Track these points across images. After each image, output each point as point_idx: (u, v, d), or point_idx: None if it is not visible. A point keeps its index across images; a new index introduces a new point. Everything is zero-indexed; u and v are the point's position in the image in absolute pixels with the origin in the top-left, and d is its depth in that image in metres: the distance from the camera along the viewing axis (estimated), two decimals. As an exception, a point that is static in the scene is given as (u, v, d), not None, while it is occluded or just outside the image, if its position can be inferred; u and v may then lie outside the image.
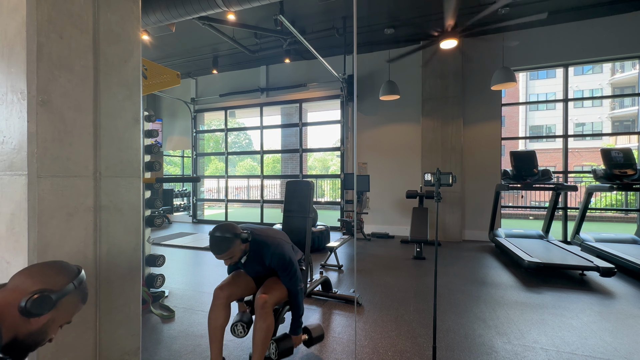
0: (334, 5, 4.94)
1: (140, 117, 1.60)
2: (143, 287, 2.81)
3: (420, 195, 5.38)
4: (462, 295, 3.09)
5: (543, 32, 5.48)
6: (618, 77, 19.98)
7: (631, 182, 4.23)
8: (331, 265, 4.09)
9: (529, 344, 2.19)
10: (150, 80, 3.10)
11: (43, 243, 1.21)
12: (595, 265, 3.41)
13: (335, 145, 10.35)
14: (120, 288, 1.50)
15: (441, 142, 5.86)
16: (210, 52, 6.79)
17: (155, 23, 4.21)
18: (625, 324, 2.51)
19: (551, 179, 4.71)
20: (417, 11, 5.01)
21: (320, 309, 2.80)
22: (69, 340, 1.29)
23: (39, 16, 1.20)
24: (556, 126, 20.90)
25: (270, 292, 1.77)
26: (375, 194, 6.48)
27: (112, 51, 1.46)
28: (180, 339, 2.28)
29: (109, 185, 1.45)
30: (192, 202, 8.49)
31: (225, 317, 1.80)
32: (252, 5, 3.71)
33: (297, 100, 7.37)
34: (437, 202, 1.92)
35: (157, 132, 3.17)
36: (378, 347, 2.16)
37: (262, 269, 1.89)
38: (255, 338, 1.70)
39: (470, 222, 5.92)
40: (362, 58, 6.58)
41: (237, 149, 23.18)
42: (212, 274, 3.87)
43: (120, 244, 1.50)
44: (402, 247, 5.26)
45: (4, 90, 1.25)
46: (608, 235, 4.77)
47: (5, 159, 1.25)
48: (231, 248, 1.67)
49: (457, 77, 5.76)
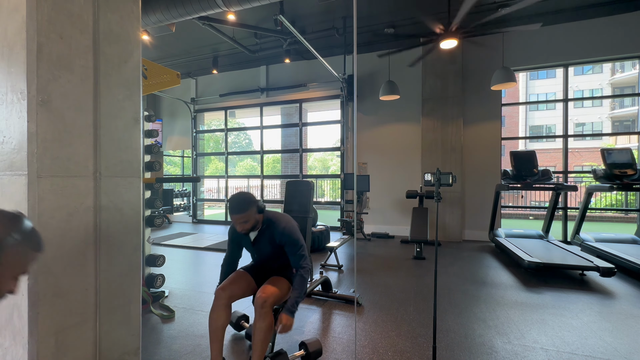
0: (334, 5, 4.94)
1: (140, 117, 1.60)
2: (143, 287, 2.81)
3: (420, 195, 5.38)
4: (462, 295, 3.09)
5: (543, 32, 5.48)
6: (618, 77, 19.99)
7: (631, 182, 4.23)
8: (331, 265, 4.09)
9: (529, 344, 2.19)
10: (150, 80, 3.10)
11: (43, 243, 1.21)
12: (595, 265, 3.41)
13: (335, 145, 10.35)
14: (120, 288, 1.50)
15: (441, 142, 5.86)
16: (210, 52, 6.79)
17: (155, 23, 4.21)
18: (625, 324, 2.51)
19: (551, 179, 4.71)
20: (417, 11, 5.01)
21: (321, 309, 2.80)
22: (69, 340, 1.29)
23: (39, 16, 1.20)
24: (556, 126, 20.89)
25: (270, 291, 1.76)
26: (375, 194, 6.48)
27: (112, 51, 1.46)
28: (180, 339, 2.28)
29: (109, 185, 1.45)
30: (192, 202, 8.49)
31: (226, 317, 1.80)
32: (252, 5, 3.71)
33: (297, 100, 7.37)
34: (437, 202, 1.92)
35: (157, 132, 3.17)
36: (378, 347, 2.16)
37: (270, 249, 1.89)
38: (255, 338, 1.70)
39: (470, 222, 5.92)
40: (362, 58, 6.58)
41: (237, 149, 23.17)
42: (212, 274, 3.87)
43: (120, 244, 1.50)
44: (402, 247, 5.26)
45: (4, 90, 1.25)
46: (608, 235, 4.76)
47: (5, 159, 1.25)
48: (248, 211, 1.75)
49: (457, 77, 5.75)
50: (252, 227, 1.82)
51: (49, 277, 1.22)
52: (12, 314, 1.23)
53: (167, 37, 5.90)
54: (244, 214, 1.74)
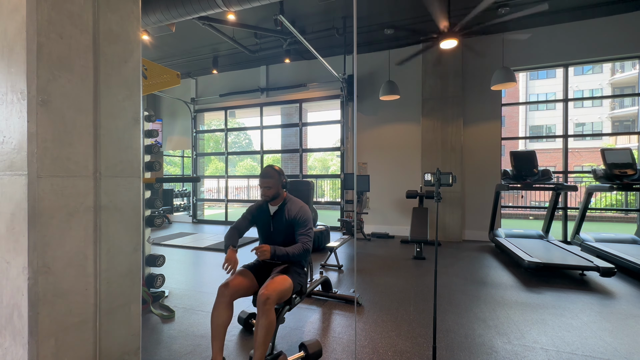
0: (334, 5, 4.94)
1: (140, 117, 1.60)
2: (143, 287, 2.81)
3: (420, 195, 5.38)
4: (462, 295, 3.09)
5: (543, 32, 5.48)
6: (618, 77, 19.98)
7: (631, 182, 4.22)
8: (331, 265, 4.09)
9: (529, 344, 2.19)
10: (150, 80, 3.10)
11: (43, 243, 1.21)
12: (595, 265, 3.41)
13: (335, 145, 10.35)
14: (120, 288, 1.50)
15: (441, 142, 5.86)
16: (210, 52, 6.78)
17: (155, 23, 4.21)
18: (625, 324, 2.51)
19: (551, 179, 4.71)
20: (417, 11, 5.01)
21: (320, 309, 2.80)
22: (69, 340, 1.29)
23: (39, 16, 1.20)
24: (556, 126, 20.90)
25: (273, 288, 1.76)
26: (375, 194, 6.48)
27: (112, 51, 1.46)
28: (180, 339, 2.28)
29: (109, 185, 1.45)
30: (192, 202, 8.49)
31: (228, 315, 1.80)
32: (252, 5, 3.71)
33: (297, 100, 7.37)
34: (437, 202, 1.92)
35: (157, 132, 3.17)
36: (378, 347, 2.16)
37: (284, 226, 2.07)
38: (257, 335, 1.69)
39: (470, 222, 5.92)
40: (362, 58, 6.58)
41: (237, 149, 23.17)
42: (212, 274, 3.87)
43: (120, 244, 1.50)
44: (402, 247, 5.26)
45: (4, 90, 1.25)
46: (608, 235, 4.76)
47: (5, 159, 1.25)
48: (275, 178, 2.05)
49: (457, 77, 5.75)
50: (273, 197, 2.07)
51: (49, 277, 1.22)
52: (12, 314, 1.23)
53: (167, 37, 5.90)
54: (270, 180, 2.02)
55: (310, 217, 2.09)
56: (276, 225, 2.10)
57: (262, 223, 2.16)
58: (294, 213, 2.06)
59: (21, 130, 1.19)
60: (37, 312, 1.19)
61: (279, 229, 2.09)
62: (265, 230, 2.15)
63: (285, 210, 2.09)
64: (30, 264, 1.18)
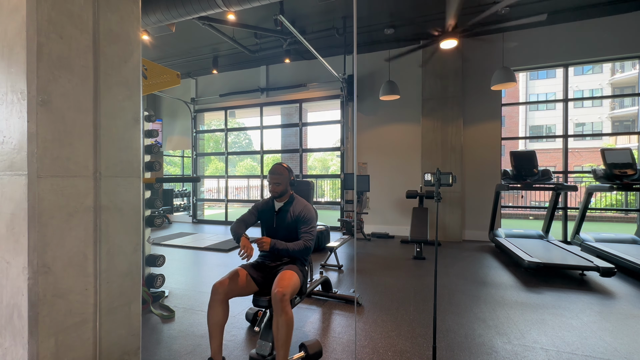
0: (334, 5, 4.94)
1: (140, 117, 1.60)
2: (143, 287, 2.81)
3: (420, 195, 5.37)
4: (462, 295, 3.09)
5: (543, 32, 5.48)
6: (618, 77, 19.99)
7: (631, 182, 4.22)
8: (331, 265, 4.09)
9: (529, 344, 2.19)
10: (150, 80, 3.10)
11: (43, 243, 1.21)
12: (595, 265, 3.41)
13: (335, 145, 10.35)
14: (120, 288, 1.50)
15: (441, 142, 5.86)
16: (210, 52, 6.78)
17: (155, 23, 4.21)
18: (625, 324, 2.51)
19: (551, 179, 4.71)
20: (417, 11, 5.02)
21: (320, 309, 2.80)
22: (69, 340, 1.29)
23: (39, 16, 1.20)
24: (556, 126, 20.90)
25: (286, 285, 1.76)
26: (375, 194, 6.48)
27: (112, 51, 1.46)
28: (180, 339, 2.28)
29: (109, 185, 1.45)
30: (192, 202, 8.49)
31: (223, 314, 1.80)
32: (252, 5, 3.71)
33: (297, 100, 7.37)
34: (437, 202, 1.92)
35: (157, 132, 3.17)
36: (378, 347, 2.16)
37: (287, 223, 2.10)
38: (279, 334, 1.66)
39: (470, 222, 5.92)
40: (362, 58, 6.58)
41: (237, 149, 23.17)
42: (212, 274, 3.87)
43: (120, 244, 1.50)
44: (402, 247, 5.26)
45: (4, 90, 1.25)
46: (608, 235, 4.76)
47: (5, 159, 1.25)
48: (283, 175, 2.12)
49: (457, 77, 5.75)
50: (281, 193, 2.12)
51: (49, 277, 1.22)
52: (12, 314, 1.23)
53: (167, 37, 5.90)
54: (280, 176, 2.10)
55: (314, 216, 2.12)
56: (279, 221, 2.12)
57: (266, 218, 2.18)
58: (298, 211, 2.09)
59: (21, 130, 1.19)
60: (37, 312, 1.19)
61: (282, 225, 2.11)
62: (269, 225, 2.17)
63: (290, 207, 2.13)
64: (30, 264, 1.18)
